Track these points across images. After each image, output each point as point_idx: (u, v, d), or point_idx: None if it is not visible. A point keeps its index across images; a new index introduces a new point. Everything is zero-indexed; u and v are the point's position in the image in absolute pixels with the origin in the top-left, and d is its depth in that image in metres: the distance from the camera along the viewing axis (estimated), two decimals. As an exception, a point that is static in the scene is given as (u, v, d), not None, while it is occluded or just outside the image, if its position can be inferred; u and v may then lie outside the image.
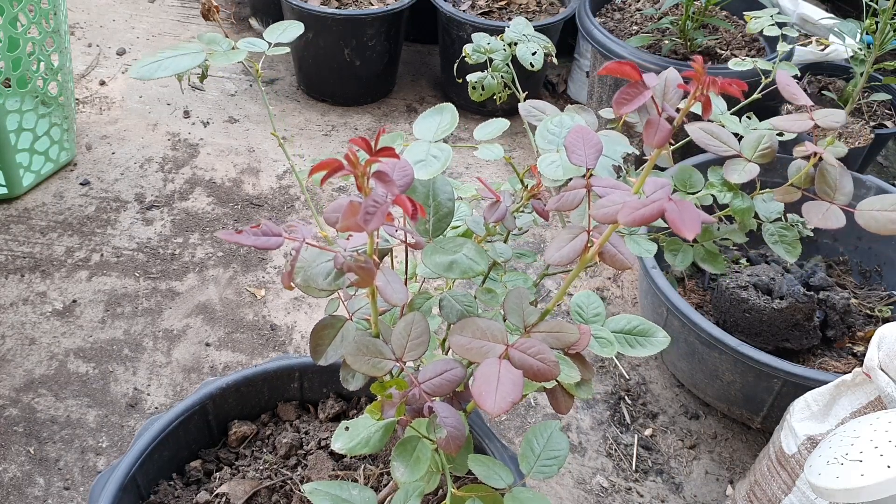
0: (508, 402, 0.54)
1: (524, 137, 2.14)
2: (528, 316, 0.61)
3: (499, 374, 0.55)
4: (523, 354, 0.57)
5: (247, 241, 0.52)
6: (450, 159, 0.63)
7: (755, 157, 0.74)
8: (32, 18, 1.62)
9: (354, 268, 0.53)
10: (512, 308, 0.62)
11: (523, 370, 0.56)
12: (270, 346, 1.55)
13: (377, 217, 0.47)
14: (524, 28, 0.93)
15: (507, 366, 0.56)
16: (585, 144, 0.59)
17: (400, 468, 0.64)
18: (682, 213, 0.48)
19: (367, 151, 0.48)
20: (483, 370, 0.56)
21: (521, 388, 0.55)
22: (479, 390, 0.55)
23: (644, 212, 0.49)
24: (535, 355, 0.57)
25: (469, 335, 0.58)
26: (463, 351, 0.58)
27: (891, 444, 0.87)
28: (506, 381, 0.55)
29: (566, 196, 0.57)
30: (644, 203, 0.49)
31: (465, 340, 0.58)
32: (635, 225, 0.50)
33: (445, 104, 0.70)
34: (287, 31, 0.76)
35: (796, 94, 0.72)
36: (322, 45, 2.07)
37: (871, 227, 0.62)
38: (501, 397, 0.54)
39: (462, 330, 0.59)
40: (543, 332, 0.60)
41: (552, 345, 0.59)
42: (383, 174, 0.49)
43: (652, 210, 0.49)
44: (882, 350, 0.99)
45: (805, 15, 2.09)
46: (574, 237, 0.55)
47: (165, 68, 0.67)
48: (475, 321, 0.59)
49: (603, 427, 1.47)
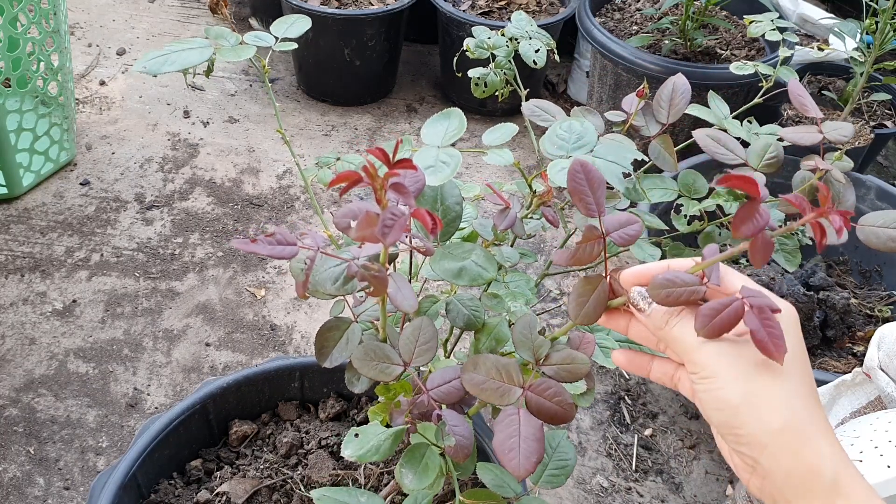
0: (533, 461, 0.52)
1: (524, 137, 2.14)
2: (539, 348, 0.59)
3: (520, 430, 0.53)
4: (540, 398, 0.55)
5: (262, 251, 0.51)
6: (459, 164, 0.62)
7: (761, 167, 0.74)
8: (32, 18, 1.62)
9: (368, 277, 0.53)
10: (520, 340, 0.60)
11: (540, 414, 0.55)
12: (270, 346, 1.55)
13: (395, 230, 0.47)
14: (526, 24, 0.92)
15: (527, 418, 0.54)
16: (591, 185, 0.53)
17: (408, 475, 0.64)
18: (764, 331, 0.47)
19: (385, 163, 0.47)
20: (503, 427, 0.54)
21: (543, 444, 0.53)
22: (501, 449, 0.53)
23: (720, 321, 0.48)
24: (551, 398, 0.55)
25: (483, 374, 0.56)
26: (477, 391, 0.56)
27: (891, 444, 0.87)
28: (528, 437, 0.53)
29: (582, 249, 0.54)
30: (723, 305, 0.48)
31: (481, 379, 0.56)
32: (710, 337, 0.49)
33: (452, 109, 0.69)
34: (294, 26, 0.75)
35: (807, 106, 0.72)
36: (322, 44, 2.07)
37: (872, 244, 0.62)
38: (525, 458, 0.52)
39: (476, 367, 0.56)
40: (555, 364, 0.58)
41: (565, 378, 0.57)
42: (401, 186, 0.48)
43: (728, 320, 0.48)
44: (882, 350, 0.99)
45: (805, 15, 2.09)
46: (594, 288, 0.53)
47: (172, 62, 0.66)
48: (489, 358, 0.57)
49: (603, 427, 1.47)
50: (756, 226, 0.47)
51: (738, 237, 0.49)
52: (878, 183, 1.54)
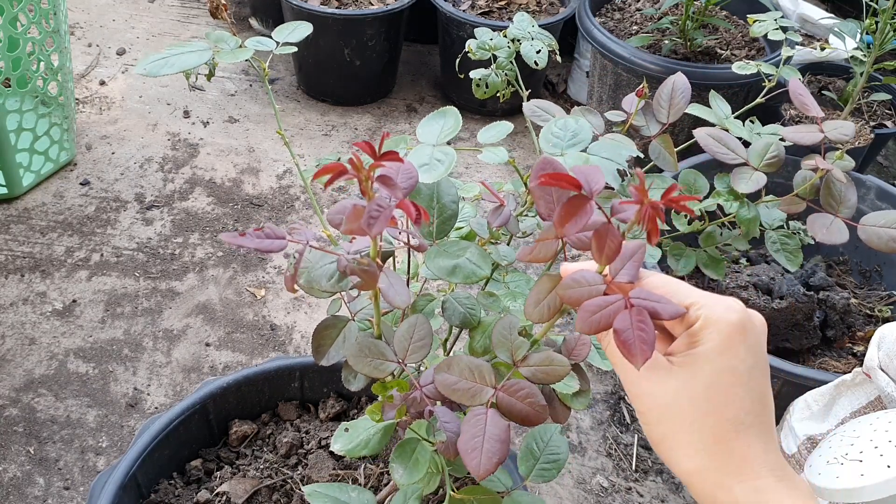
0: (494, 462, 0.52)
1: (524, 137, 2.14)
2: (517, 349, 0.59)
3: (485, 430, 0.53)
4: (511, 399, 0.55)
5: (250, 244, 0.51)
6: (454, 162, 0.62)
7: (762, 167, 0.74)
8: (32, 18, 1.62)
9: (358, 271, 0.53)
10: (499, 341, 0.59)
11: (511, 415, 0.54)
12: (270, 346, 1.55)
13: (380, 221, 0.47)
14: (528, 25, 0.92)
15: (494, 418, 0.54)
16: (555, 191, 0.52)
17: (399, 470, 0.64)
18: (633, 332, 0.45)
19: (371, 155, 0.48)
20: (468, 427, 0.53)
21: (507, 445, 0.53)
22: (465, 448, 0.53)
23: (601, 317, 0.46)
24: (523, 399, 0.55)
25: (456, 374, 0.56)
26: (449, 391, 0.56)
27: (891, 444, 0.87)
28: (491, 436, 0.53)
29: (538, 248, 0.53)
30: (605, 304, 0.46)
31: (453, 380, 0.56)
32: (589, 333, 0.47)
33: (448, 107, 0.70)
34: (296, 31, 0.76)
35: (808, 105, 0.72)
36: (322, 44, 2.07)
37: (873, 244, 0.62)
38: (487, 458, 0.52)
39: (449, 367, 0.56)
40: (533, 366, 0.57)
41: (542, 380, 0.57)
42: (387, 178, 0.48)
43: (605, 319, 0.46)
44: (882, 350, 0.99)
45: (805, 15, 2.09)
46: (550, 289, 0.53)
47: (172, 65, 0.66)
48: (462, 359, 0.57)
49: (603, 427, 1.47)
50: (583, 218, 0.46)
51: (561, 236, 0.48)
52: (879, 183, 1.54)
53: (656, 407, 0.48)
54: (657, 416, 0.48)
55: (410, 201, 0.48)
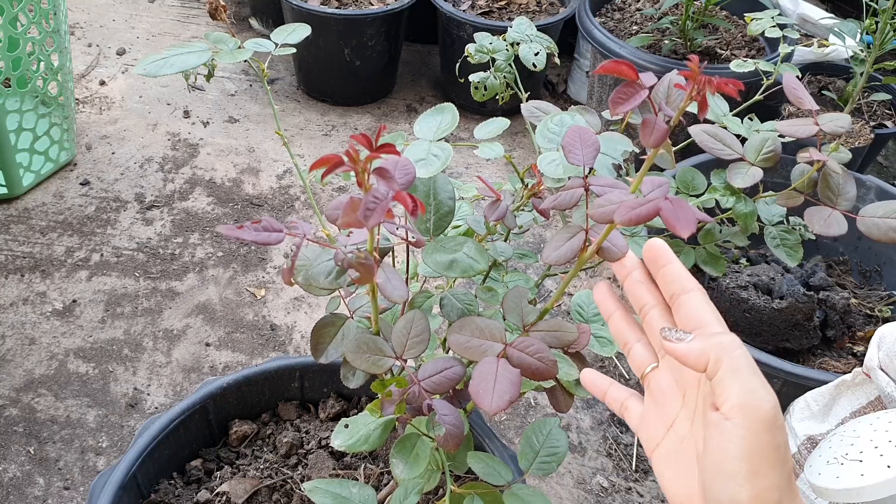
0: (506, 400, 0.54)
1: (524, 137, 2.14)
2: (527, 315, 0.61)
3: (496, 373, 0.55)
4: (522, 353, 0.57)
5: (247, 237, 0.51)
6: (450, 158, 0.63)
7: (758, 161, 0.74)
8: (32, 18, 1.62)
9: (355, 264, 0.53)
10: (510, 307, 0.62)
11: (522, 369, 0.56)
12: (270, 346, 1.55)
13: (377, 213, 0.47)
14: (527, 28, 0.92)
15: (505, 364, 0.56)
16: (583, 144, 0.58)
17: (399, 465, 0.64)
18: (677, 212, 0.47)
19: (367, 148, 0.48)
20: (481, 369, 0.55)
21: (518, 387, 0.55)
22: (476, 388, 0.54)
23: (640, 211, 0.49)
24: (533, 354, 0.57)
25: (468, 334, 0.58)
26: (461, 349, 0.58)
27: (891, 444, 0.87)
28: (503, 379, 0.55)
29: (563, 195, 0.57)
30: (641, 202, 0.49)
31: (464, 339, 0.58)
32: (632, 224, 0.49)
33: (446, 104, 0.70)
34: (295, 33, 0.76)
35: (802, 98, 0.72)
36: (322, 44, 2.07)
37: (873, 235, 0.62)
38: (499, 395, 0.54)
39: (461, 328, 0.58)
40: (542, 331, 0.59)
41: (551, 344, 0.58)
42: (384, 170, 0.48)
43: (648, 209, 0.48)
44: (882, 350, 0.99)
45: (805, 15, 2.09)
46: (572, 236, 0.55)
47: (171, 66, 0.67)
48: (474, 320, 0.59)
49: (603, 427, 1.47)
50: (635, 101, 0.52)
51: (615, 113, 0.52)
52: (878, 183, 1.54)
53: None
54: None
55: (408, 193, 0.48)
